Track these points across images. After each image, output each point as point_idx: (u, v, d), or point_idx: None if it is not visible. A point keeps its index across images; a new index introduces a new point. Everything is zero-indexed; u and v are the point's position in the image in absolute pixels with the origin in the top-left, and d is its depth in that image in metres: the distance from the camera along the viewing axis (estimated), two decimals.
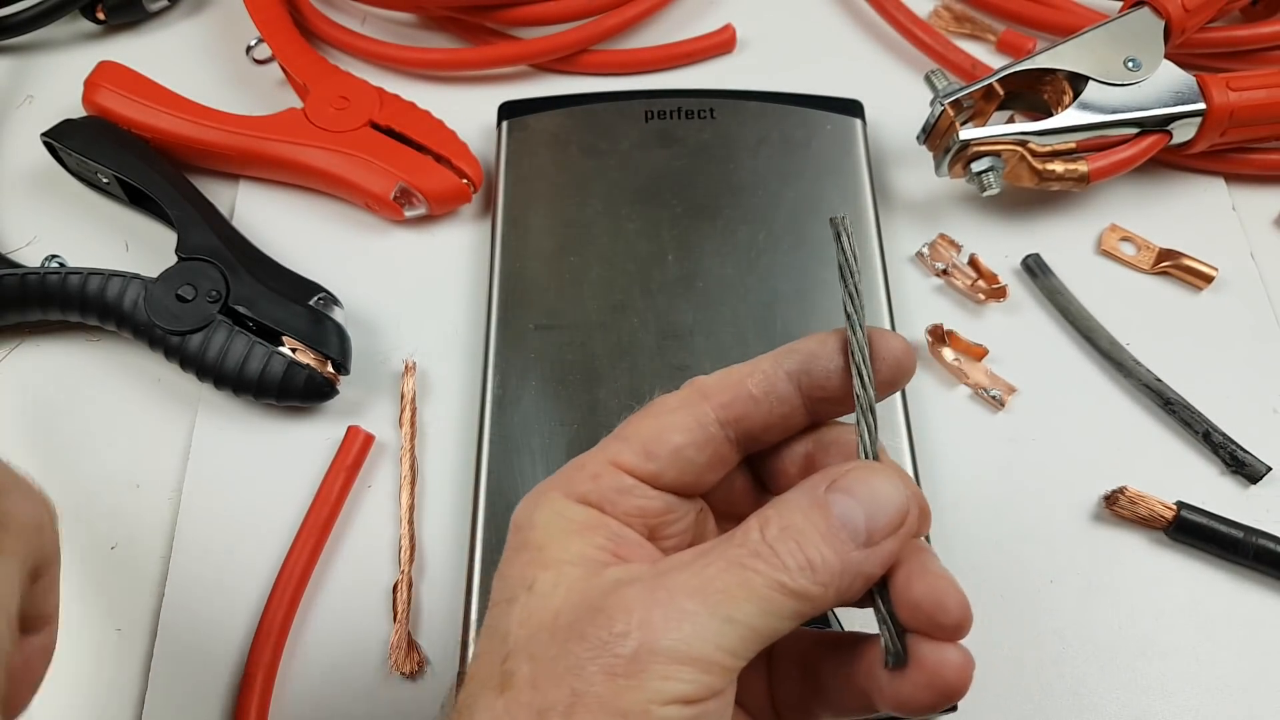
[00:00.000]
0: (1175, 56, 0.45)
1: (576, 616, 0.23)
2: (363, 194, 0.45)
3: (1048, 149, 0.44)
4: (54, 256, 0.43)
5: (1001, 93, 0.44)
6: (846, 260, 0.27)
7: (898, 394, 0.39)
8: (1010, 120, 0.45)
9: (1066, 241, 0.46)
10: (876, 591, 0.24)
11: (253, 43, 0.50)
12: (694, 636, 0.22)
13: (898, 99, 0.48)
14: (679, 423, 0.26)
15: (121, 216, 0.46)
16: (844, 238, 0.27)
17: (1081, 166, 0.44)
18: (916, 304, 0.44)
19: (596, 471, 0.26)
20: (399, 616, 0.36)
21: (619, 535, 0.25)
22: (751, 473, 0.28)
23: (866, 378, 0.26)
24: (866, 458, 0.26)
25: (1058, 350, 0.43)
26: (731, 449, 0.26)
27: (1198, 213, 0.47)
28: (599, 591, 0.23)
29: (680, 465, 0.26)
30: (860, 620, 0.30)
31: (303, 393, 0.40)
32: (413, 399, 0.41)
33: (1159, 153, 0.45)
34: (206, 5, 0.53)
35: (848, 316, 0.26)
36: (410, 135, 0.45)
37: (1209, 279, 0.44)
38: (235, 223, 0.45)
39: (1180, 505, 0.38)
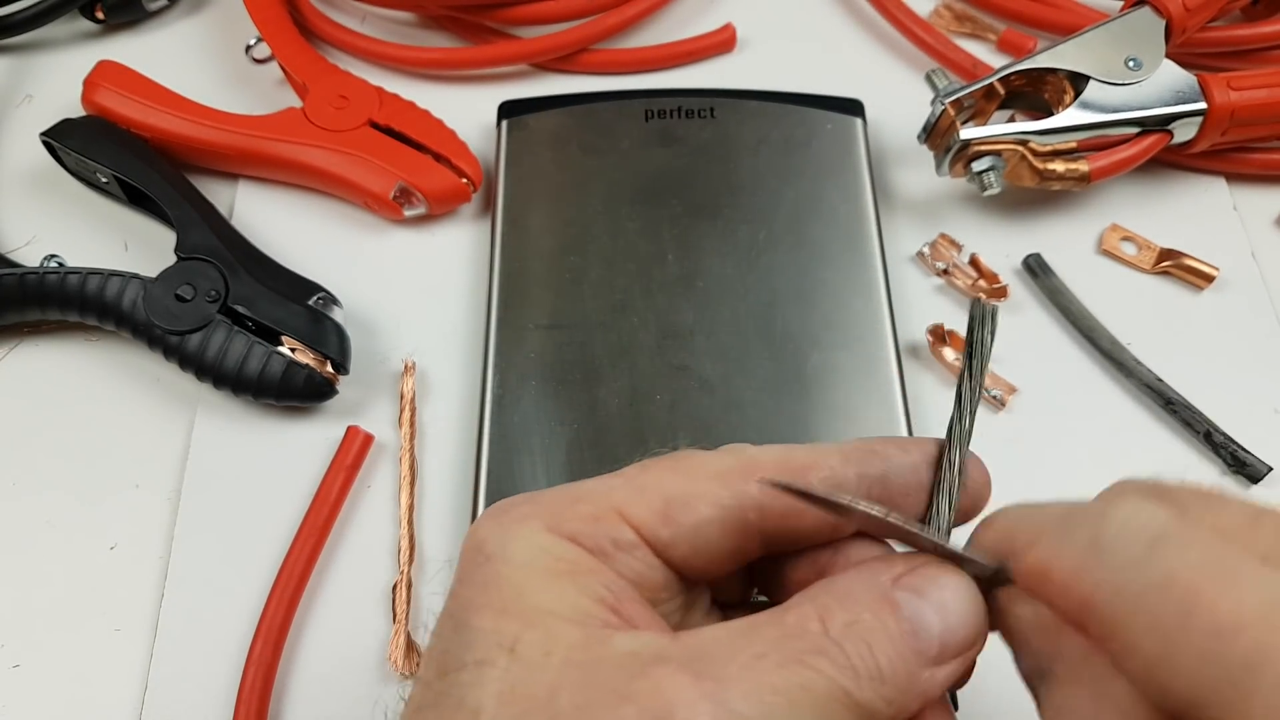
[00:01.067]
0: (1176, 56, 0.45)
1: (587, 699, 0.18)
2: (362, 193, 0.45)
3: (1049, 148, 0.44)
4: (53, 256, 0.42)
5: (1002, 92, 0.44)
6: (977, 358, 0.22)
7: (898, 394, 0.39)
8: (1011, 119, 0.45)
9: (1067, 241, 0.46)
10: None
11: (252, 42, 0.50)
12: None
13: (898, 98, 0.48)
14: (714, 495, 0.21)
15: (120, 216, 0.46)
16: (987, 329, 0.22)
17: (1082, 166, 0.44)
18: (917, 304, 0.44)
19: (597, 513, 0.21)
20: (399, 617, 0.36)
21: (617, 589, 0.20)
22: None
23: (952, 501, 0.22)
24: None
25: (1058, 350, 0.43)
26: (757, 545, 0.22)
27: (1199, 212, 0.47)
28: (616, 669, 0.18)
29: (698, 544, 0.21)
30: None
31: (302, 392, 0.40)
32: (412, 399, 0.41)
33: (1160, 152, 0.45)
34: (206, 4, 0.53)
35: (959, 424, 0.22)
36: (410, 134, 0.45)
37: (1210, 279, 0.44)
38: (234, 222, 0.45)
39: None
